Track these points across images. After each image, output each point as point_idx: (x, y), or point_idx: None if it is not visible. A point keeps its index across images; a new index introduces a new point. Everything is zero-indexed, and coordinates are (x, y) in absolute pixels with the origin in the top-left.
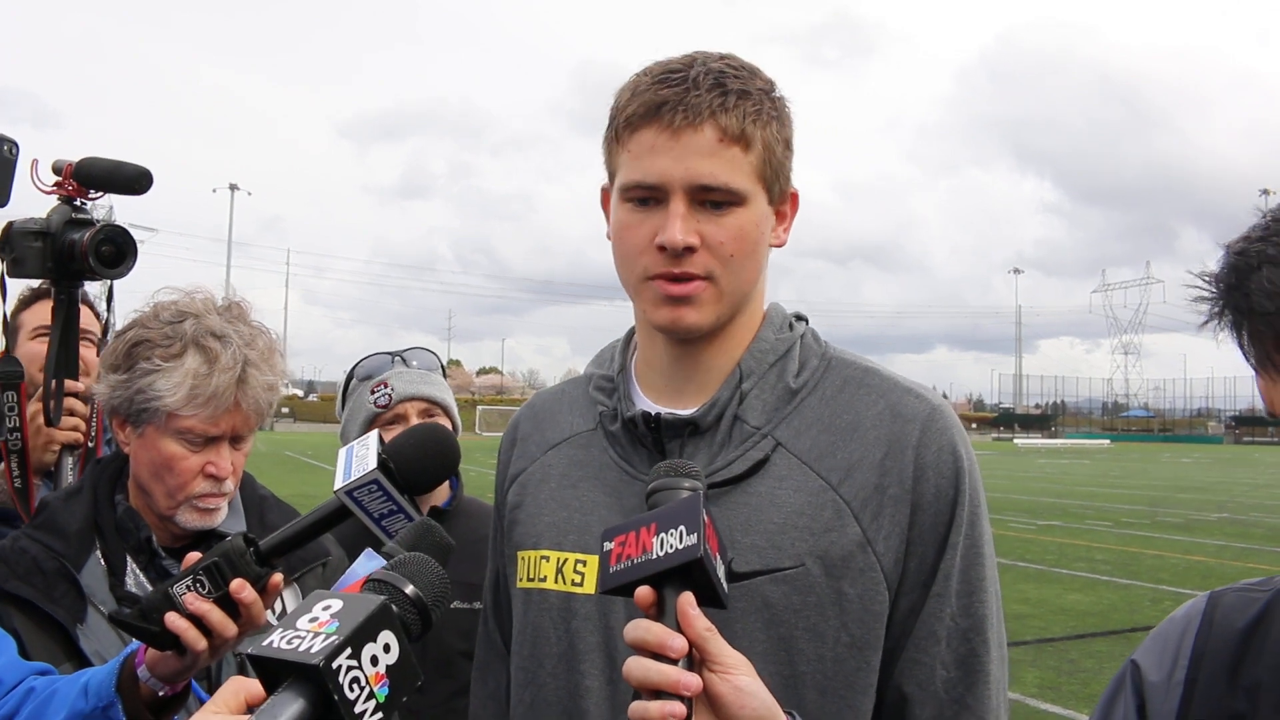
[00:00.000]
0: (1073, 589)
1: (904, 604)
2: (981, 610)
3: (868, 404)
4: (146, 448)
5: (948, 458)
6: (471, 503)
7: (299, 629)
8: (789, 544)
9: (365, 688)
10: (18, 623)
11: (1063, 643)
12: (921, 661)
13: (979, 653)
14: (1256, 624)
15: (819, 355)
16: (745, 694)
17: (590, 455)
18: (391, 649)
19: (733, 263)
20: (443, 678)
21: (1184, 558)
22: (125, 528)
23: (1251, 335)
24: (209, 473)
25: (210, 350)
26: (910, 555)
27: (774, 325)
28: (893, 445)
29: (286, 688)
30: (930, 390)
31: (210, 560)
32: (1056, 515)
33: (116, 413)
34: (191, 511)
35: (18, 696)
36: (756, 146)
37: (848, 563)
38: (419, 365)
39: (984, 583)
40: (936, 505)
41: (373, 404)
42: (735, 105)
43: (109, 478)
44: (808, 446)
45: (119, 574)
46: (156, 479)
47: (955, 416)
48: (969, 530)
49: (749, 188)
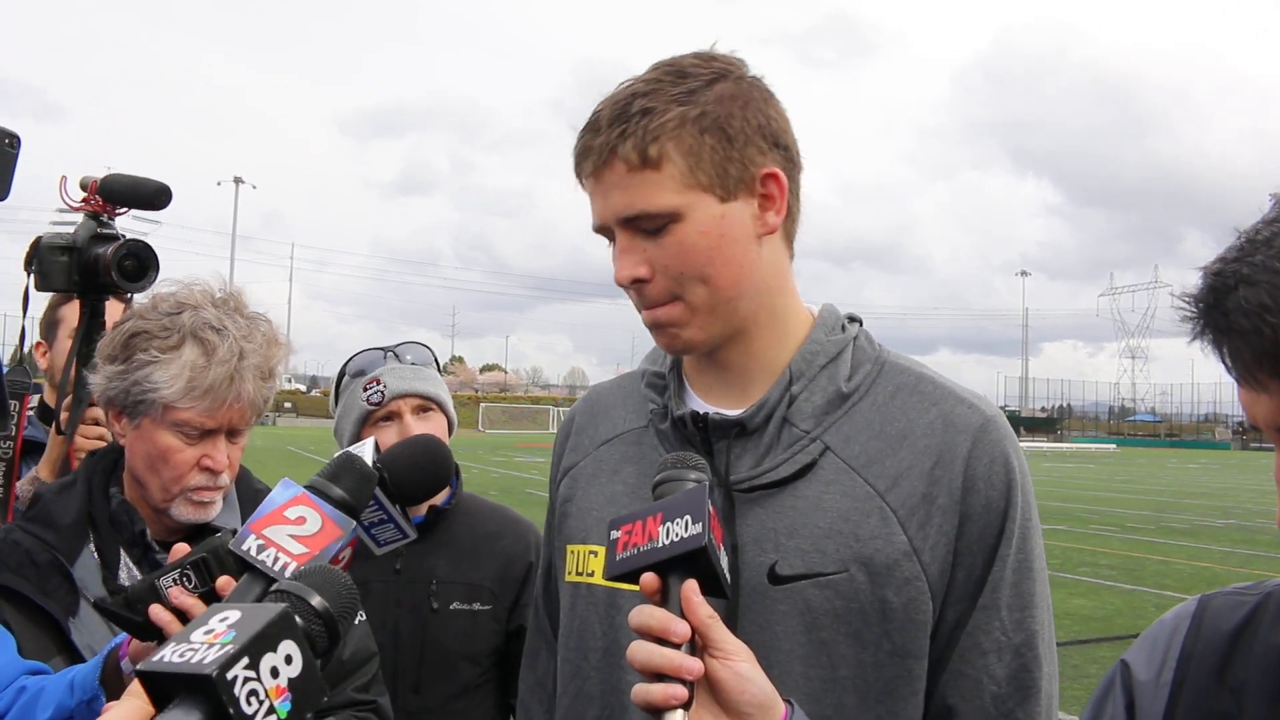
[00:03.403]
0: (1077, 594)
1: (950, 615)
2: (1033, 625)
3: (920, 411)
4: (142, 440)
5: (1000, 470)
6: (471, 500)
7: (193, 642)
8: (834, 549)
9: (264, 701)
10: (9, 616)
11: (1067, 648)
12: (967, 674)
13: (1031, 668)
14: (1244, 626)
15: (872, 359)
16: (745, 680)
17: (640, 452)
18: (294, 660)
19: (685, 279)
20: (441, 680)
21: (1189, 563)
22: (119, 521)
23: (1231, 353)
24: (205, 466)
25: (208, 342)
26: (958, 566)
27: (826, 326)
28: (943, 455)
29: (178, 704)
30: (985, 400)
31: (197, 555)
32: (1061, 520)
33: (112, 404)
34: (186, 505)
35: (10, 695)
36: (672, 158)
37: (892, 571)
38: (412, 360)
39: (1035, 598)
40: (986, 517)
41: (365, 401)
42: (633, 131)
43: (103, 470)
44: (857, 452)
45: (112, 567)
46: (152, 471)
47: (1009, 428)
48: (1020, 543)
49: (679, 201)
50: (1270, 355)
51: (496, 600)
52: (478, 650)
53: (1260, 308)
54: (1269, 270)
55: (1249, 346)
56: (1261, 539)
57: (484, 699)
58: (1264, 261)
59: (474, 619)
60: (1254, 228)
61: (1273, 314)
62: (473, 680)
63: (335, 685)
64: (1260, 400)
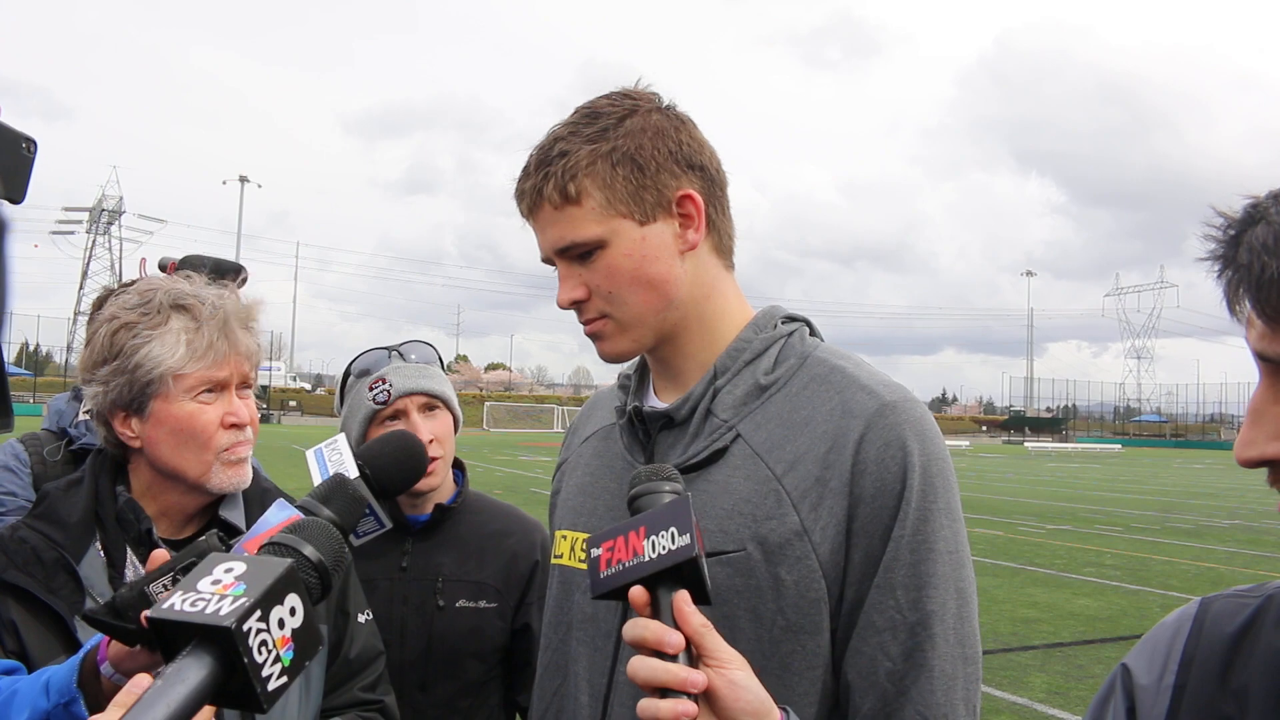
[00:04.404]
0: (1082, 594)
1: (850, 595)
2: (929, 605)
3: (823, 400)
4: (160, 423)
5: (894, 453)
6: (478, 499)
7: (201, 591)
8: (735, 529)
9: (272, 651)
10: (15, 613)
11: (1071, 648)
12: (862, 651)
13: (924, 647)
14: (1246, 629)
15: (799, 354)
16: (739, 688)
17: (608, 446)
18: (297, 612)
19: (615, 296)
20: (447, 677)
21: (1194, 564)
22: (126, 519)
23: (1229, 282)
24: (229, 422)
25: (191, 308)
26: (854, 548)
27: (757, 325)
28: (837, 440)
29: (190, 652)
30: (894, 387)
31: (187, 560)
32: (1066, 520)
33: (118, 406)
34: (224, 470)
35: None
36: (590, 192)
37: (784, 549)
38: (417, 359)
39: (935, 578)
40: (879, 499)
41: (372, 401)
42: (554, 172)
43: (110, 468)
44: (764, 438)
45: (119, 566)
46: (181, 447)
47: (916, 412)
48: (916, 525)
49: (600, 230)
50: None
51: (502, 598)
52: (484, 648)
53: (1264, 247)
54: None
55: (1242, 281)
56: (1267, 539)
57: (489, 696)
58: None
59: (480, 616)
60: None
61: (1270, 254)
62: (479, 677)
63: (342, 684)
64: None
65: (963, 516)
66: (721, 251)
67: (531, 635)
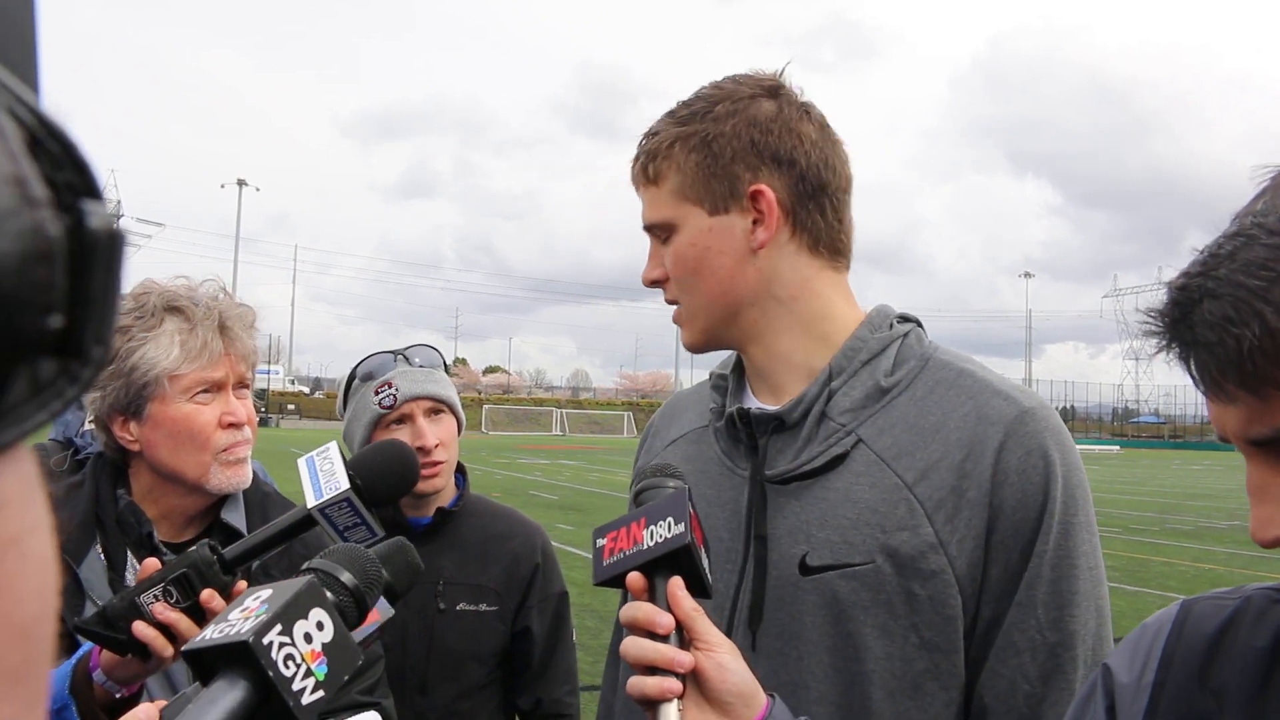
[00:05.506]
0: None
1: (987, 613)
2: (1072, 625)
3: (955, 405)
4: (158, 425)
5: (1036, 462)
6: (479, 502)
7: (230, 620)
8: (861, 540)
9: (301, 665)
10: None
11: None
12: (1001, 673)
13: (1066, 669)
14: (1225, 629)
15: (918, 355)
16: (726, 670)
17: (700, 450)
18: (325, 626)
19: (682, 283)
20: (448, 680)
21: (1193, 565)
22: (126, 522)
23: (1198, 365)
24: (226, 422)
25: (184, 309)
26: (992, 562)
27: (872, 325)
28: (974, 448)
29: (222, 675)
30: (1028, 393)
31: (179, 571)
32: None
33: (115, 410)
34: (223, 470)
35: None
36: (667, 175)
37: (917, 563)
38: (422, 363)
39: (1077, 596)
40: (1021, 512)
41: (378, 405)
42: (644, 154)
43: (110, 472)
44: (889, 444)
45: (119, 569)
46: (179, 448)
47: (1052, 421)
48: (1059, 540)
49: (671, 214)
50: (1235, 366)
51: (502, 601)
52: (484, 651)
53: (1225, 320)
54: (1232, 284)
55: (1214, 358)
56: None
57: (489, 699)
58: (1227, 275)
59: (480, 620)
60: (1216, 242)
61: (1236, 325)
62: (479, 680)
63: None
64: (1229, 412)
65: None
66: (820, 250)
67: (532, 638)
